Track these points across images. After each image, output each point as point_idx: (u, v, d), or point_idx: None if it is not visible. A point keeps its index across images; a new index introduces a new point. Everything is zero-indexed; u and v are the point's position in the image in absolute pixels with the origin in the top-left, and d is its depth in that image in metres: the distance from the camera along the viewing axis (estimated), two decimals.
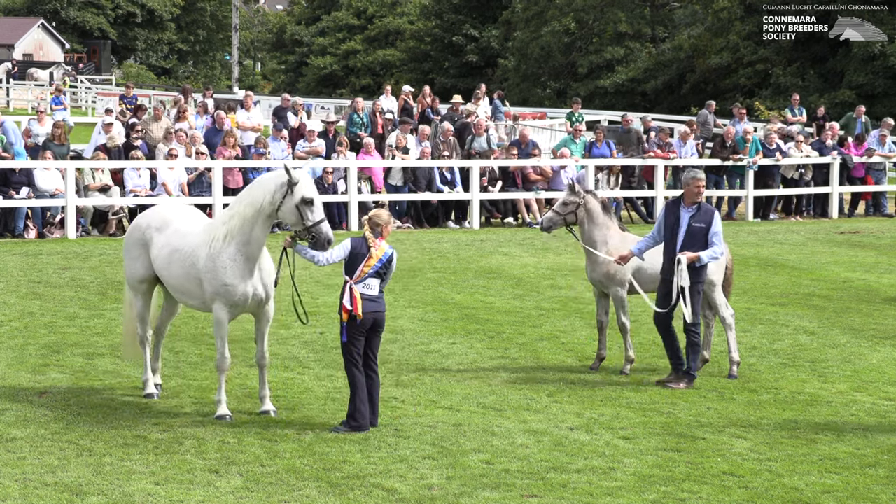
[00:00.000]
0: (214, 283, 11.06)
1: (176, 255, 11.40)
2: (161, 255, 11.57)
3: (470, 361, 14.06)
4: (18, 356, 13.78)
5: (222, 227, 11.08)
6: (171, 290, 11.78)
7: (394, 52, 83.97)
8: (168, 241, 11.53)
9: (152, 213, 12.00)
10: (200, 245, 11.19)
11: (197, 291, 11.30)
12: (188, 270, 11.28)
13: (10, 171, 24.20)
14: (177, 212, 11.96)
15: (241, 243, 10.99)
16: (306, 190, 10.89)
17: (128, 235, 12.16)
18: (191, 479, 9.51)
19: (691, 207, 12.95)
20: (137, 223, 12.07)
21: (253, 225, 10.96)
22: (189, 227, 11.58)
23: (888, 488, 9.72)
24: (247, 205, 11.03)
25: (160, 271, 11.64)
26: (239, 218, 11.02)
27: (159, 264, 11.60)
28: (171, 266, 11.45)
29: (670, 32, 70.16)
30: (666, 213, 13.11)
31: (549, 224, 13.67)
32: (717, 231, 12.89)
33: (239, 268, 11.01)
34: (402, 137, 28.08)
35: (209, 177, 25.22)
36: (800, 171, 30.52)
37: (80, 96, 66.16)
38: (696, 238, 12.81)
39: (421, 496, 9.24)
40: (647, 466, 10.11)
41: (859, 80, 52.23)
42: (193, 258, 11.22)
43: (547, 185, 27.84)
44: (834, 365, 14.22)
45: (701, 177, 13.04)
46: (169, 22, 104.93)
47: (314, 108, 50.40)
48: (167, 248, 11.51)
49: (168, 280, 11.61)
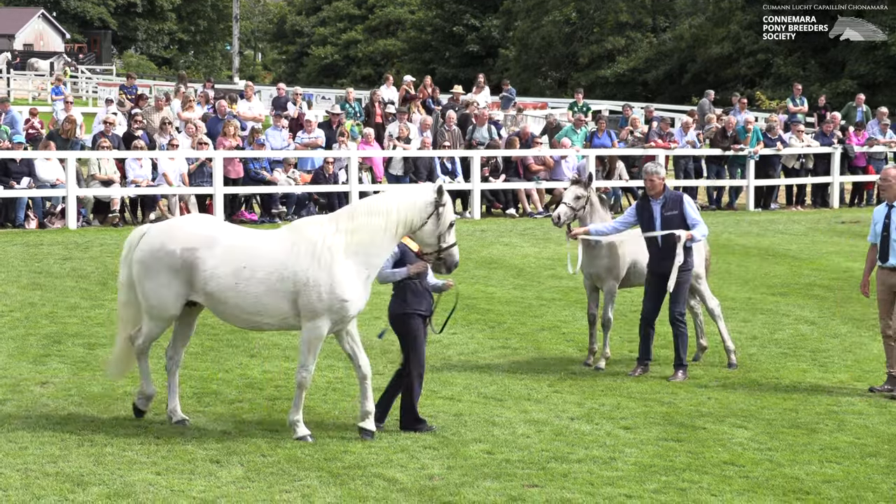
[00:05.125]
0: (330, 298, 10.15)
1: (248, 272, 10.26)
2: (221, 274, 10.31)
3: (471, 351, 14.07)
4: (19, 346, 13.78)
5: (339, 238, 10.23)
6: (231, 311, 10.45)
7: (395, 42, 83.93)
8: (229, 259, 10.33)
9: (184, 234, 10.53)
10: (296, 258, 10.20)
11: (281, 308, 10.30)
12: (275, 286, 10.23)
13: (11, 161, 24.20)
14: (215, 226, 10.74)
15: (365, 256, 10.25)
16: (452, 213, 10.44)
17: (149, 259, 10.55)
18: (192, 469, 9.52)
19: (660, 199, 12.98)
20: (163, 246, 10.49)
21: (383, 240, 10.27)
22: (253, 241, 10.48)
23: (889, 477, 9.73)
24: (382, 218, 10.26)
25: (218, 293, 10.34)
26: (367, 231, 10.23)
27: (219, 284, 10.32)
28: (242, 285, 10.27)
29: (671, 22, 70.10)
30: (639, 210, 13.13)
31: (566, 219, 13.46)
32: (691, 215, 12.87)
33: (361, 283, 10.26)
34: (403, 128, 28.08)
35: (210, 166, 25.21)
36: (801, 161, 30.52)
37: (80, 86, 66.12)
38: (671, 226, 12.85)
39: (422, 486, 9.25)
40: (648, 456, 10.12)
41: (860, 69, 52.23)
42: (286, 272, 10.19)
43: (548, 175, 27.83)
44: (835, 355, 14.23)
45: (653, 171, 13.06)
46: (169, 12, 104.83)
47: (315, 99, 50.40)
48: (230, 266, 10.30)
49: (231, 300, 10.35)
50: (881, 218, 12.64)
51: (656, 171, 13.04)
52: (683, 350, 13.06)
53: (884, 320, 12.69)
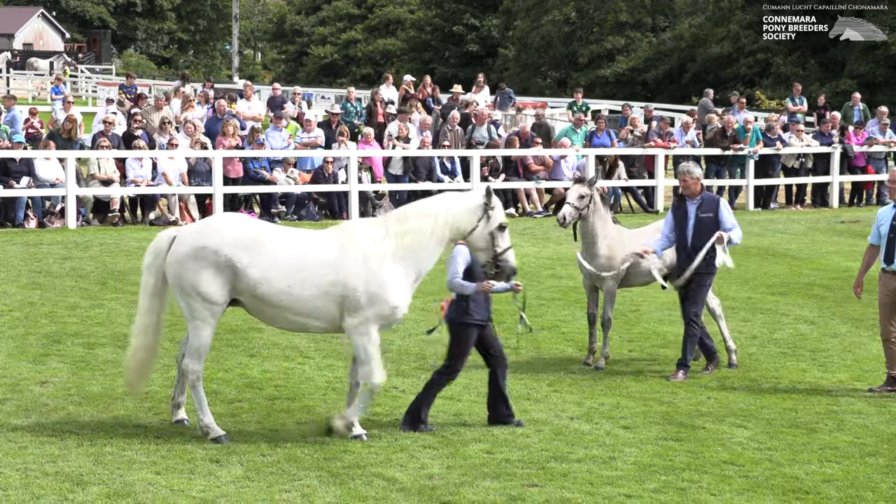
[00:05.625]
0: (381, 304, 10.11)
1: (300, 274, 10.11)
2: (272, 277, 10.13)
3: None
4: (19, 346, 13.78)
5: (389, 242, 10.17)
6: (281, 314, 10.30)
7: (394, 42, 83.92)
8: (280, 261, 10.15)
9: (229, 234, 10.27)
10: (347, 262, 10.12)
11: (332, 312, 10.21)
12: (327, 290, 10.11)
13: (11, 160, 24.19)
14: (258, 227, 10.54)
15: (413, 261, 10.19)
16: (502, 215, 10.34)
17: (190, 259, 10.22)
18: (191, 469, 9.51)
19: (696, 199, 12.94)
20: (206, 245, 10.19)
21: (429, 243, 10.22)
22: (303, 243, 10.32)
23: (888, 477, 9.73)
24: (430, 222, 10.22)
25: (268, 295, 10.16)
26: (416, 235, 10.18)
27: (270, 287, 10.13)
28: (295, 288, 10.12)
29: (671, 22, 70.11)
30: (674, 209, 13.11)
31: (571, 219, 13.35)
32: (727, 219, 12.88)
33: (408, 287, 10.25)
34: (403, 127, 28.08)
35: (208, 162, 25.21)
36: (800, 160, 30.52)
37: (80, 86, 66.12)
38: (705, 229, 12.82)
39: (422, 486, 9.25)
40: (648, 456, 10.12)
41: (860, 69, 52.26)
42: (338, 277, 10.11)
43: (547, 175, 27.83)
44: (834, 354, 14.23)
45: (685, 170, 13.01)
46: (169, 11, 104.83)
47: (314, 98, 50.40)
48: (279, 268, 10.14)
49: (283, 303, 10.19)
50: (888, 219, 12.48)
51: (688, 171, 12.95)
52: (690, 351, 13.06)
53: (884, 324, 12.60)
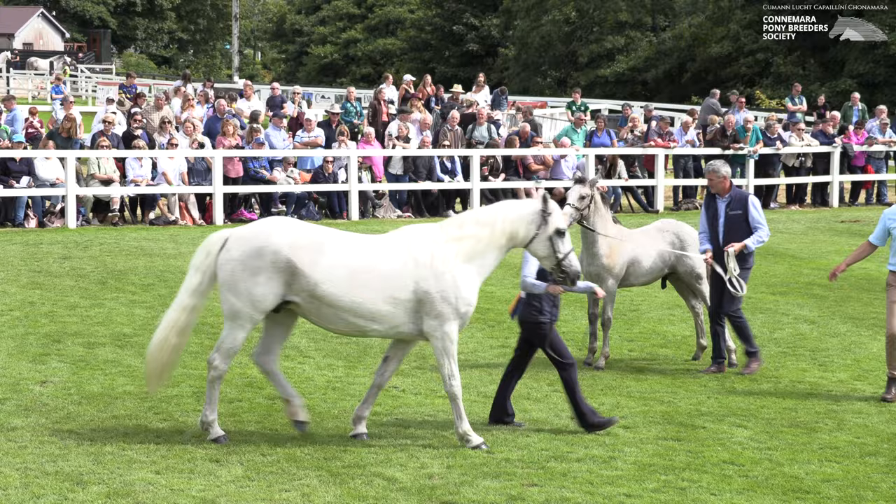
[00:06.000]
0: (460, 304, 10.15)
1: (365, 276, 10.09)
2: (335, 276, 10.07)
3: (470, 350, 14.06)
4: (19, 345, 13.78)
5: (450, 246, 10.21)
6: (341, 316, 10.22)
7: (394, 42, 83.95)
8: (344, 262, 10.11)
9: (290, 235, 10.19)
10: (414, 265, 10.12)
11: (396, 315, 10.17)
12: (393, 294, 10.09)
13: (11, 160, 24.20)
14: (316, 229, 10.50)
15: (479, 265, 10.27)
16: (560, 220, 10.33)
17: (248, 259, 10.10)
18: (191, 469, 9.51)
19: (726, 197, 13.05)
20: (267, 245, 10.10)
21: (487, 249, 10.26)
22: (365, 246, 10.30)
23: (888, 477, 9.73)
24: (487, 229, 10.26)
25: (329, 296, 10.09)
26: (473, 241, 10.23)
27: (333, 288, 10.07)
28: (358, 290, 10.07)
29: (671, 21, 70.17)
30: (705, 207, 13.30)
31: (571, 220, 13.26)
32: (756, 218, 13.00)
33: (477, 287, 10.34)
34: (402, 127, 28.08)
35: (208, 161, 25.21)
36: (800, 160, 30.52)
37: (80, 85, 66.15)
38: (735, 225, 12.97)
39: (422, 485, 9.25)
40: (648, 455, 10.12)
41: (860, 69, 52.29)
42: (406, 281, 10.10)
43: (548, 175, 27.84)
44: (834, 354, 14.23)
45: (711, 169, 13.18)
46: (169, 11, 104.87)
47: (314, 98, 50.42)
48: (344, 270, 10.08)
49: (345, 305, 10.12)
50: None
51: (715, 170, 13.09)
52: (748, 339, 13.24)
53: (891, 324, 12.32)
